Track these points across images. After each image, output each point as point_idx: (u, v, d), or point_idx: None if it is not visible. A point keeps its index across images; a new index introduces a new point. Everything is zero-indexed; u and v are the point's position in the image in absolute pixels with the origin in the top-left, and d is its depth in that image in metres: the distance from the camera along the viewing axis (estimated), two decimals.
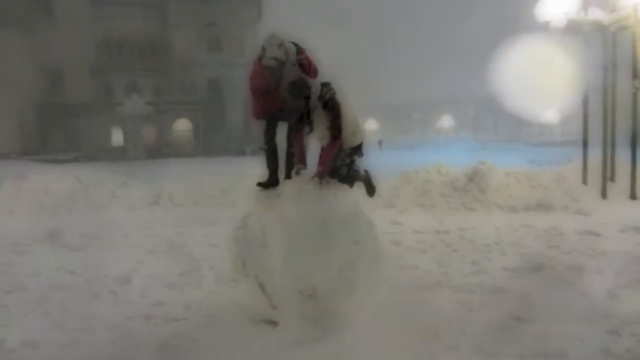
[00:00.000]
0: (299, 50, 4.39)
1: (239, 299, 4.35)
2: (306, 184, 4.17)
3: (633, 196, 10.02)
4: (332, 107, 4.21)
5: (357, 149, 4.43)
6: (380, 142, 38.98)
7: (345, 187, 4.47)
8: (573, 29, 10.66)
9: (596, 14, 10.55)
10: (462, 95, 54.63)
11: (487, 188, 10.03)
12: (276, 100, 4.30)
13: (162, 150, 41.93)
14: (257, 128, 4.64)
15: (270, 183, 4.48)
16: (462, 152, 20.87)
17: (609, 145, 10.67)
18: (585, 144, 10.85)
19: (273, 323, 4.06)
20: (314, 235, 3.94)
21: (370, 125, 55.27)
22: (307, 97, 4.18)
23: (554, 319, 4.25)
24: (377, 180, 4.71)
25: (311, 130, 4.30)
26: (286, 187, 4.24)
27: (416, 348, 3.75)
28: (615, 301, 4.59)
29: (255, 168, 5.17)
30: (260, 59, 4.30)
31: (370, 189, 4.68)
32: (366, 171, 4.71)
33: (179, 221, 9.07)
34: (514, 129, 50.27)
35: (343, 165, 4.30)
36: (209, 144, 42.10)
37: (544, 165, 12.10)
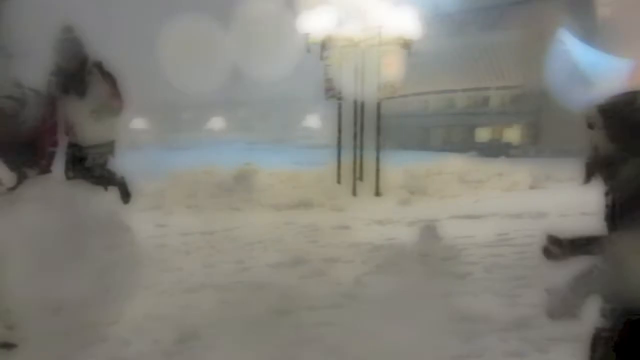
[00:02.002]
0: None
1: None
2: (53, 186, 3.77)
3: (377, 193, 11.32)
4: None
5: (109, 148, 4.18)
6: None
7: (99, 189, 4.17)
8: (330, 43, 11.63)
9: (350, 31, 11.67)
10: (233, 97, 55.71)
11: (253, 188, 10.36)
12: None
13: None
14: None
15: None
16: (231, 153, 21.21)
17: (358, 148, 11.87)
18: (339, 147, 11.90)
19: (8, 346, 3.57)
20: (62, 243, 3.58)
21: (138, 125, 52.79)
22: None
23: (309, 308, 4.55)
24: (133, 186, 4.50)
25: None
26: (27, 190, 3.78)
27: (176, 351, 3.66)
28: (361, 286, 5.12)
29: None
30: None
31: (126, 195, 4.45)
32: (122, 177, 4.48)
33: None
34: (281, 132, 52.97)
35: (95, 166, 4.01)
36: None
37: (305, 166, 12.94)
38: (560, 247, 2.08)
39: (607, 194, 2.06)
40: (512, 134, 33.70)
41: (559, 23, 20.99)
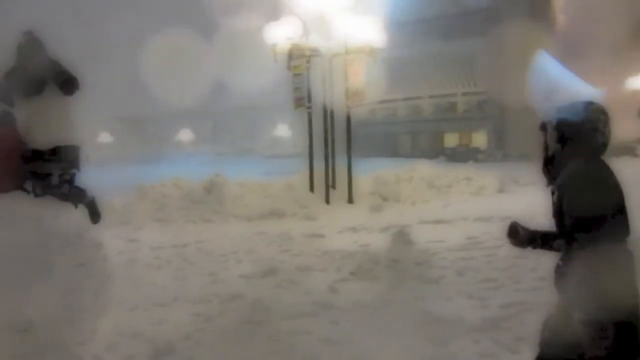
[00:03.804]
0: None
1: None
2: (19, 203, 3.70)
3: (350, 201, 11.38)
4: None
5: (73, 156, 4.13)
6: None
7: (68, 205, 4.10)
8: (296, 52, 11.68)
9: (315, 40, 11.74)
10: (200, 109, 55.31)
11: (224, 199, 10.30)
12: None
13: None
14: None
15: None
16: (200, 165, 21.05)
17: (330, 157, 11.93)
18: (310, 156, 11.93)
19: None
20: (28, 261, 3.49)
21: (104, 139, 51.96)
22: None
23: (284, 317, 4.54)
24: (102, 202, 4.43)
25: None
26: None
27: None
28: (334, 294, 5.13)
29: None
30: None
31: (95, 215, 4.37)
32: (92, 197, 4.42)
33: None
34: (249, 142, 52.77)
35: (63, 183, 3.94)
36: None
37: (276, 176, 12.94)
38: (517, 236, 2.25)
39: (553, 192, 2.25)
40: (480, 139, 34.35)
41: (520, 30, 21.55)
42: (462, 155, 29.38)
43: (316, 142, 11.96)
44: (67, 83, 4.23)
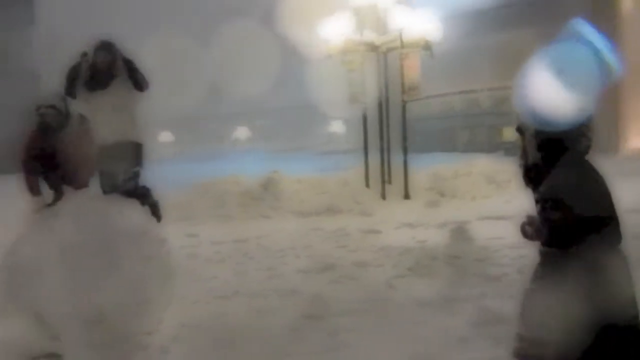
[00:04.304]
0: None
1: (8, 336, 3.83)
2: (88, 200, 3.88)
3: (407, 196, 11.27)
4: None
5: (136, 158, 4.30)
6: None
7: (134, 202, 4.27)
8: (350, 48, 11.66)
9: (370, 35, 11.69)
10: (256, 107, 56.18)
11: (281, 196, 10.43)
12: None
13: None
14: None
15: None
16: (257, 162, 21.37)
17: (385, 152, 11.86)
18: (366, 151, 11.90)
19: (54, 357, 3.67)
20: (98, 256, 3.67)
21: (165, 137, 53.61)
22: None
23: (342, 313, 4.56)
24: (163, 198, 4.61)
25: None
26: (64, 205, 3.90)
27: (213, 358, 3.71)
28: (392, 290, 5.11)
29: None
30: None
31: (157, 217, 4.55)
32: (156, 200, 4.61)
33: None
34: (304, 139, 53.13)
35: (128, 180, 4.12)
36: None
37: (331, 172, 12.98)
38: (533, 227, 2.07)
39: (537, 201, 2.09)
40: None
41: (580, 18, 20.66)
42: None
43: (371, 138, 11.92)
44: (140, 80, 4.43)
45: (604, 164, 2.12)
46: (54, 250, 3.68)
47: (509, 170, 12.78)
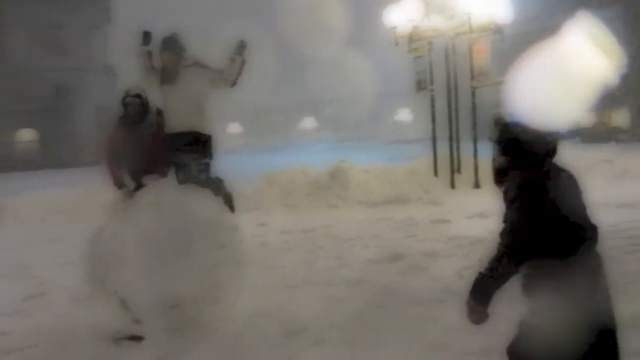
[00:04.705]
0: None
1: (96, 318, 4.08)
2: (166, 190, 4.04)
3: (477, 185, 11.01)
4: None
5: (206, 150, 4.42)
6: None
7: (207, 192, 4.40)
8: (417, 34, 11.46)
9: (437, 21, 11.43)
10: (322, 96, 56.36)
11: (349, 185, 10.45)
12: None
13: (5, 163, 38.08)
14: None
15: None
16: (324, 152, 21.52)
17: (454, 140, 11.62)
18: (434, 140, 11.70)
19: (137, 338, 3.87)
20: (175, 243, 3.82)
21: (234, 129, 54.92)
22: None
23: (412, 303, 4.52)
24: (234, 190, 4.72)
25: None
26: (143, 195, 4.07)
27: (284, 345, 3.78)
28: (463, 281, 4.99)
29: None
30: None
31: (230, 208, 4.67)
32: (230, 192, 4.73)
33: (24, 240, 8.29)
34: (371, 128, 52.84)
35: (201, 171, 4.25)
36: (58, 154, 38.91)
37: (399, 161, 12.86)
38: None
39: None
40: (621, 117, 31.38)
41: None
42: (601, 135, 27.10)
43: (439, 126, 11.70)
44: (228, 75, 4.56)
45: None
46: (134, 238, 3.86)
47: (586, 157, 12.20)
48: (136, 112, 4.29)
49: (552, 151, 2.14)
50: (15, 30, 40.12)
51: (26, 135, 41.34)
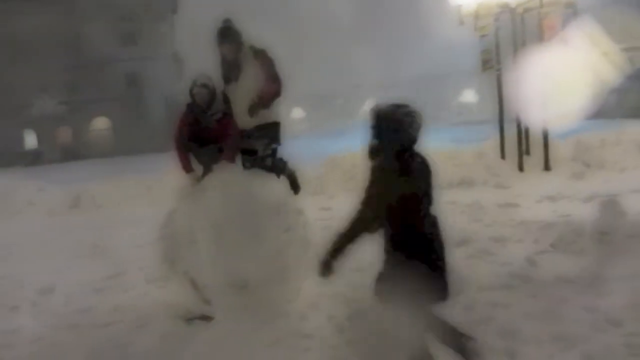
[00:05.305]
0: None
1: (170, 298, 4.26)
2: (233, 175, 4.13)
3: (547, 168, 10.60)
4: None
5: (273, 133, 4.47)
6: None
7: (273, 176, 4.47)
8: (484, 11, 11.07)
9: None
10: (384, 79, 55.79)
11: None
12: None
13: (79, 150, 40.14)
14: None
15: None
16: None
17: (522, 121, 11.20)
18: (501, 121, 11.33)
19: (207, 318, 4.01)
20: (243, 226, 3.91)
21: (297, 114, 55.39)
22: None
23: (480, 289, 4.43)
24: (301, 179, 4.76)
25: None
26: (211, 180, 4.18)
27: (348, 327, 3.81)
28: (534, 267, 4.85)
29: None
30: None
31: (295, 187, 4.72)
32: (294, 171, 4.77)
33: (102, 223, 8.73)
34: (435, 110, 51.91)
35: (266, 156, 4.32)
36: (130, 141, 40.63)
37: (464, 143, 12.55)
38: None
39: None
40: None
41: None
42: None
43: (507, 106, 11.31)
44: (271, 80, 4.58)
45: None
46: (204, 221, 3.98)
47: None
48: (204, 100, 4.38)
49: (412, 139, 2.67)
50: (93, 22, 42.00)
51: (101, 124, 43.37)
